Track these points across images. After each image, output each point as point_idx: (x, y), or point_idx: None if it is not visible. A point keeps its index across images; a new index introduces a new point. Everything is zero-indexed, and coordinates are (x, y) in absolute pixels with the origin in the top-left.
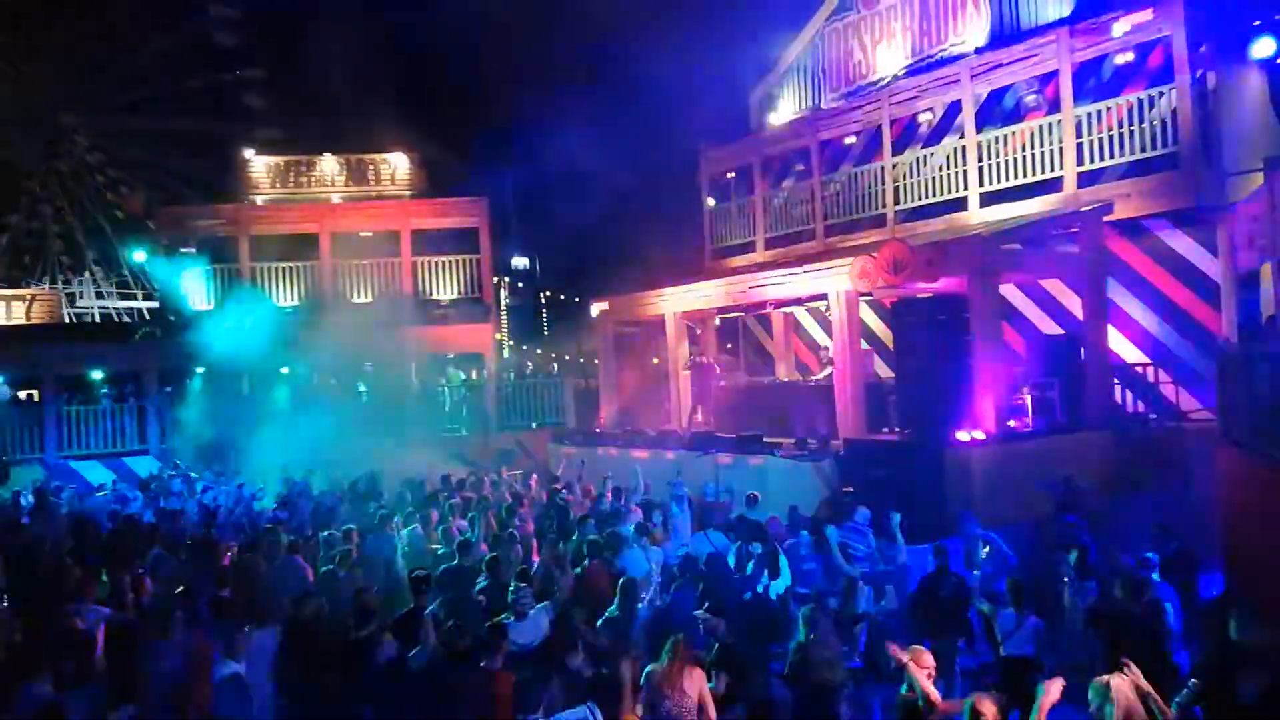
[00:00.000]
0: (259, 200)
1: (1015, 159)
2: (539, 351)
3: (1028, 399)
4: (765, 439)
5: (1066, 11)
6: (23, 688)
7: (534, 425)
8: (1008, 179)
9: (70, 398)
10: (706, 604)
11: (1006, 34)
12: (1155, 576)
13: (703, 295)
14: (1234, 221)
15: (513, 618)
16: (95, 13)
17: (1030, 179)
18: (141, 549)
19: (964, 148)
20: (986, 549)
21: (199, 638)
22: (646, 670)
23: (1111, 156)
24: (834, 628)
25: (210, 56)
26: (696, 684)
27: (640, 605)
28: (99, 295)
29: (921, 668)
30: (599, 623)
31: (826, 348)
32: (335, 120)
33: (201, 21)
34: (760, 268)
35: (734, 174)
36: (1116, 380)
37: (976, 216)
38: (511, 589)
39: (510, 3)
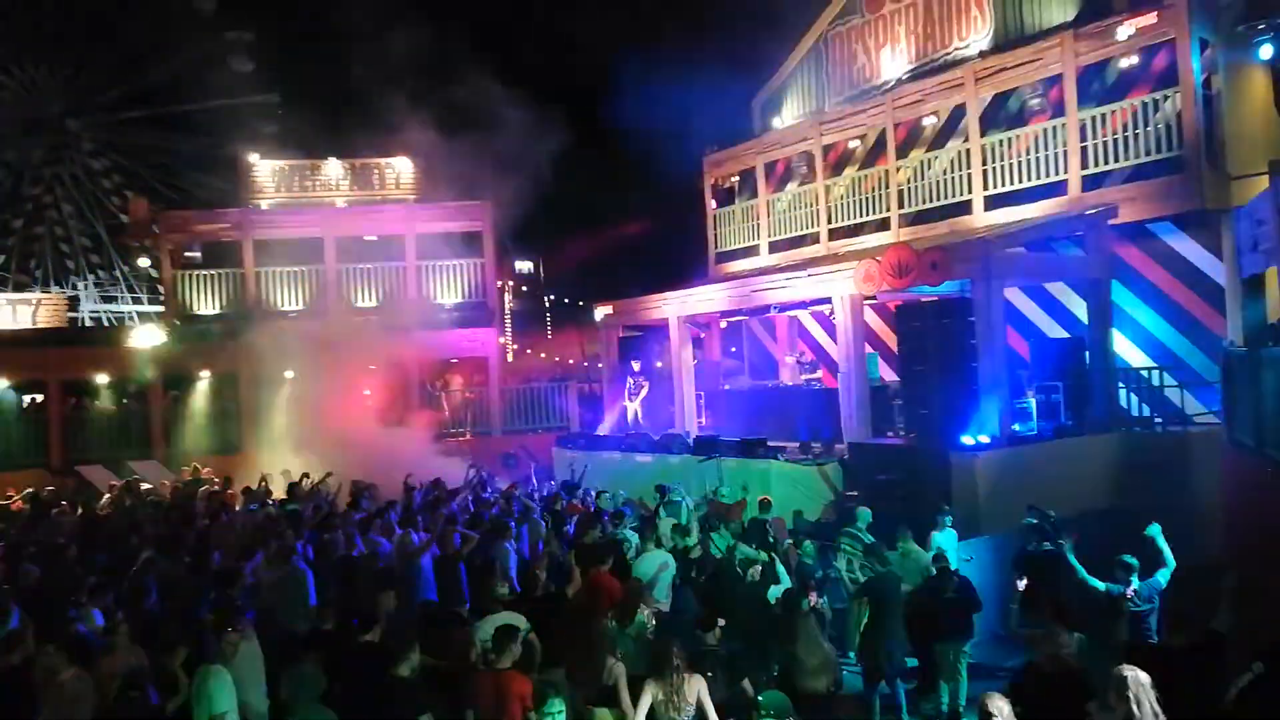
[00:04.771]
0: (263, 205)
1: (1019, 162)
2: (543, 355)
3: (1032, 403)
4: (770, 442)
5: (1071, 15)
6: None
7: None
8: (1012, 182)
9: (76, 402)
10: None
11: (1010, 37)
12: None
13: (706, 299)
14: (1238, 225)
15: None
16: (99, 17)
17: (1035, 182)
18: None
19: (968, 151)
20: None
21: None
22: (647, 681)
23: (1116, 160)
24: (822, 631)
25: (215, 61)
26: (695, 689)
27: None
28: (108, 299)
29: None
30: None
31: (803, 352)
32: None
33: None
34: (764, 271)
35: (738, 178)
36: (1121, 384)
37: (981, 220)
38: None
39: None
